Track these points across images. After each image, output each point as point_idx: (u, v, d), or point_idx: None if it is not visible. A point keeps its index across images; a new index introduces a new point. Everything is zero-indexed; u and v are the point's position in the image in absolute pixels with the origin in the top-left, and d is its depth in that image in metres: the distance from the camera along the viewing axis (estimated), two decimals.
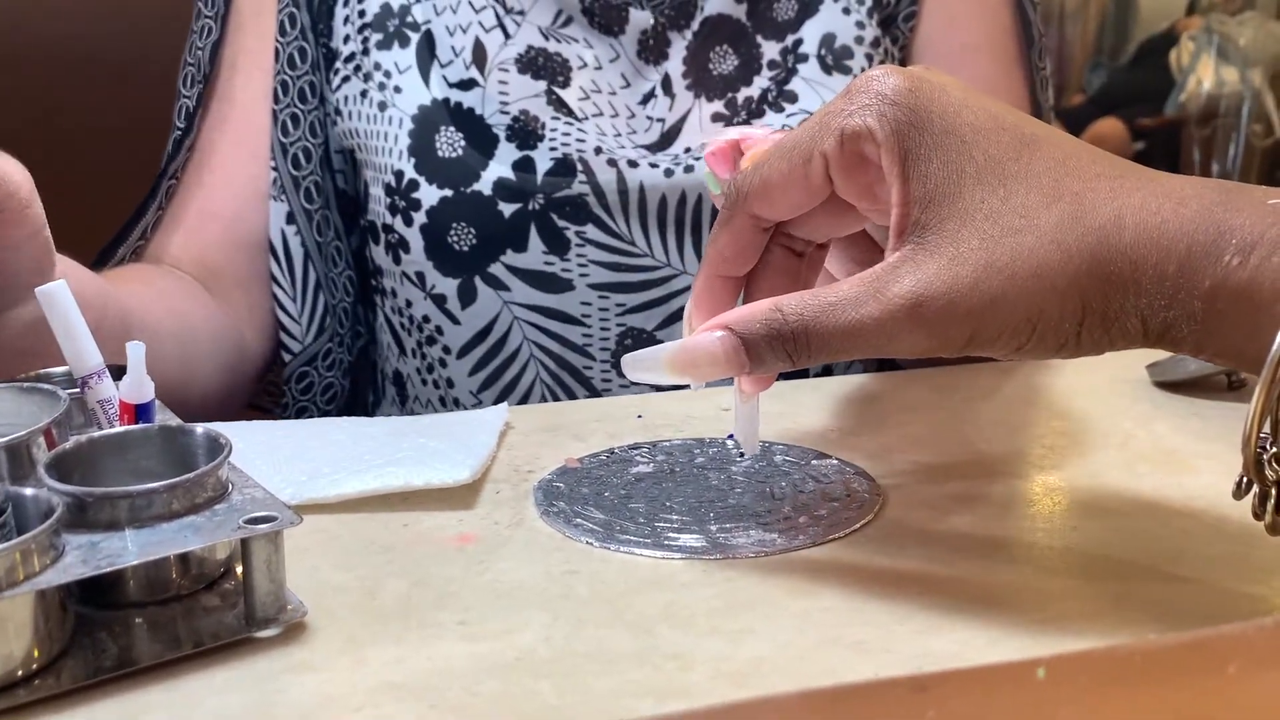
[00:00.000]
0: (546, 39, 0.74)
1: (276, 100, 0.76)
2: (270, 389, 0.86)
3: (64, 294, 0.45)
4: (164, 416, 0.46)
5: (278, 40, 0.76)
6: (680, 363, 0.43)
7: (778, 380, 0.48)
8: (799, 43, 0.74)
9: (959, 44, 0.77)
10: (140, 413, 0.44)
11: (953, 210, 0.39)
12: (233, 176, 0.77)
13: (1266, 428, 0.36)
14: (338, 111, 0.77)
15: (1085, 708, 0.27)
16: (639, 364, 0.44)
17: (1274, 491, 0.37)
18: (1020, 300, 0.38)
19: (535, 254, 0.71)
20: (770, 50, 0.74)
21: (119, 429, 0.43)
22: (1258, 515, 0.37)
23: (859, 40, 0.74)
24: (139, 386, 0.44)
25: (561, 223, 0.71)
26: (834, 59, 0.74)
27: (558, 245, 0.71)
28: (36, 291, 0.45)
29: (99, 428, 0.45)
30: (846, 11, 0.74)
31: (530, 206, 0.71)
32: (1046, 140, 0.40)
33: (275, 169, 0.77)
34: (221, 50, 0.77)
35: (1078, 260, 0.38)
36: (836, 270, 0.50)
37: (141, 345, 0.44)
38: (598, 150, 0.71)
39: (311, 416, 0.80)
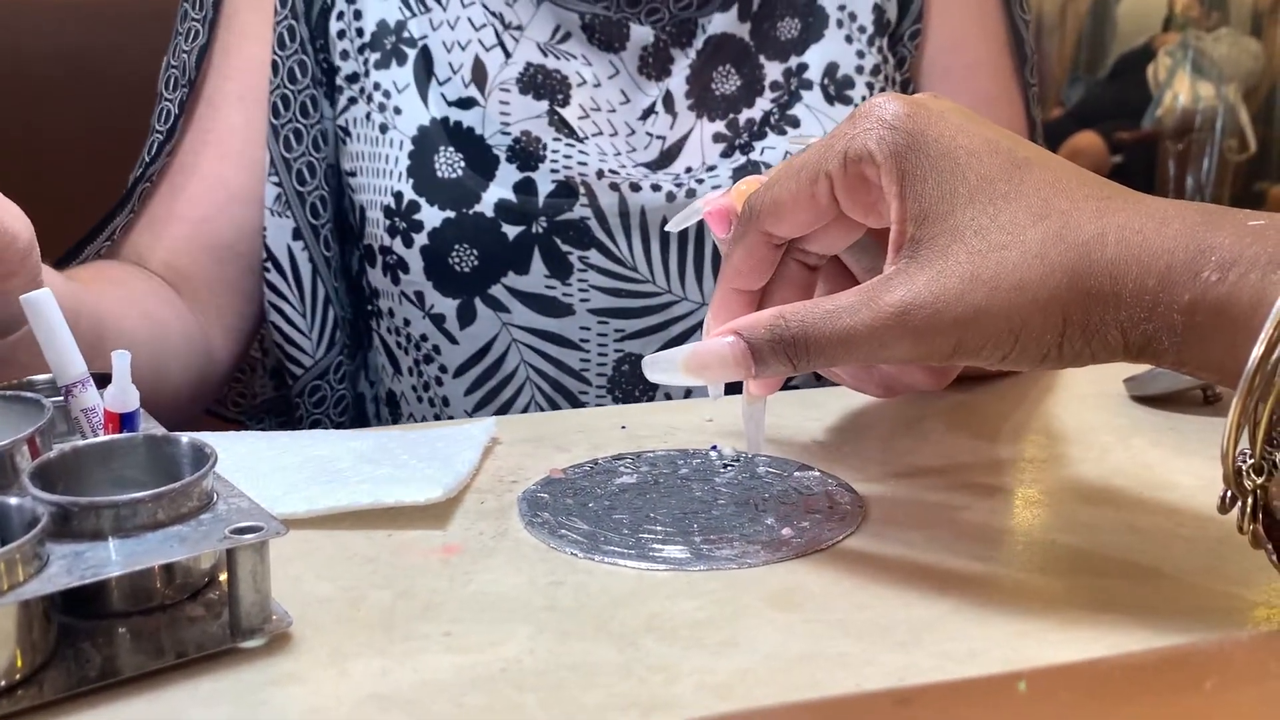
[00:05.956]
0: (545, 55, 0.74)
1: (277, 115, 0.75)
2: (236, 398, 0.85)
3: (49, 302, 0.45)
4: (148, 426, 0.46)
5: (276, 54, 0.75)
6: (693, 364, 0.45)
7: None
8: (803, 67, 0.75)
9: (962, 63, 0.79)
10: (125, 422, 0.44)
11: (944, 227, 0.41)
12: (204, 178, 0.76)
13: (1245, 441, 0.37)
14: (346, 134, 0.76)
15: None
16: (657, 365, 0.46)
17: (1249, 501, 0.37)
18: (1002, 312, 0.40)
19: (537, 277, 0.71)
20: (773, 71, 0.75)
21: (103, 438, 0.43)
22: (1241, 529, 0.38)
23: (859, 70, 0.75)
24: (123, 395, 0.44)
25: (565, 247, 0.71)
26: (836, 89, 0.75)
27: (560, 269, 0.71)
28: (21, 299, 0.45)
29: (83, 437, 0.45)
30: (849, 40, 0.75)
31: (534, 229, 0.71)
32: (1038, 163, 0.42)
33: (279, 185, 0.75)
34: (209, 56, 0.76)
35: (1059, 274, 0.39)
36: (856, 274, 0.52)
37: (127, 354, 0.44)
38: (599, 174, 0.71)
39: (325, 428, 0.79)
